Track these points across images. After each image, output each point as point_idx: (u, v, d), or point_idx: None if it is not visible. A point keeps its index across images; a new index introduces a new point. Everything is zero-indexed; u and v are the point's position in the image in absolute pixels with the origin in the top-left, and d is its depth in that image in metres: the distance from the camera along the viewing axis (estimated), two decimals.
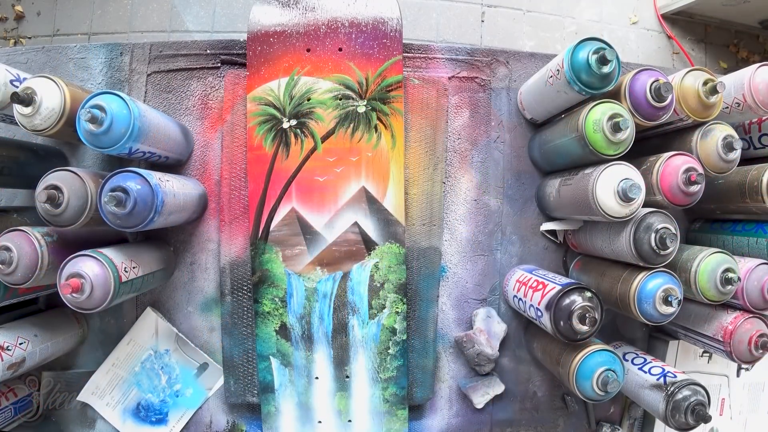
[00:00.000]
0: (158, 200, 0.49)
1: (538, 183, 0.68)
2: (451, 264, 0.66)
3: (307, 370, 0.61)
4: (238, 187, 0.62)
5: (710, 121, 0.55)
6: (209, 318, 0.64)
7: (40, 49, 0.64)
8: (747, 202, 0.57)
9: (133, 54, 0.64)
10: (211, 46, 0.64)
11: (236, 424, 0.64)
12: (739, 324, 0.55)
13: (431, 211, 0.64)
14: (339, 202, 0.60)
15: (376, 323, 0.61)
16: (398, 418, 0.62)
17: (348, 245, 0.60)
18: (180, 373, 0.63)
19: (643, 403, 0.59)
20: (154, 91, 0.64)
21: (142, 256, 0.56)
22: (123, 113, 0.48)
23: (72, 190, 0.48)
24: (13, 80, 0.53)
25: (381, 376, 0.61)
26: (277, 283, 0.60)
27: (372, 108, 0.61)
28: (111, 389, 0.63)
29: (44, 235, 0.50)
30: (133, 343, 0.63)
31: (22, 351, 0.54)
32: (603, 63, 0.51)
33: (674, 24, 1.75)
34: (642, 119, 0.54)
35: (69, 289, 0.47)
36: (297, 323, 0.61)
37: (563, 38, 1.68)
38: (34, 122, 0.49)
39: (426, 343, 0.64)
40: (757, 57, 1.78)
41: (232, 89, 0.63)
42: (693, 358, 0.68)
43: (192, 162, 0.64)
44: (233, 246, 0.62)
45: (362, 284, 0.61)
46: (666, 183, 0.53)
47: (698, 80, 0.54)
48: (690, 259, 0.56)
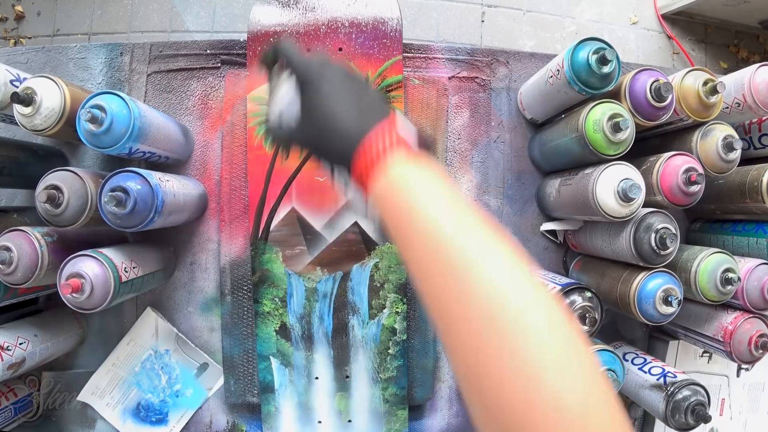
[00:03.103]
0: (158, 200, 0.49)
1: (538, 183, 0.68)
2: None
3: (307, 370, 0.61)
4: (238, 187, 0.62)
5: (710, 121, 0.55)
6: (209, 318, 0.64)
7: (40, 49, 0.64)
8: (747, 202, 0.57)
9: (133, 54, 0.64)
10: (211, 46, 0.64)
11: (236, 424, 0.64)
12: (739, 324, 0.55)
13: None
14: (339, 202, 0.60)
15: (376, 323, 0.61)
16: (398, 418, 0.62)
17: (348, 245, 0.60)
18: (180, 373, 0.63)
19: (643, 403, 0.59)
20: (154, 91, 0.64)
21: (142, 256, 0.55)
22: (123, 113, 0.48)
23: (72, 190, 0.48)
24: (13, 80, 0.53)
25: (381, 376, 0.61)
26: (277, 283, 0.60)
27: None
28: (111, 389, 0.63)
29: (44, 235, 0.50)
30: (133, 343, 0.63)
31: (22, 351, 0.54)
32: (603, 63, 0.51)
33: (674, 24, 1.75)
34: (642, 119, 0.54)
35: (69, 289, 0.47)
36: (297, 323, 0.61)
37: (563, 38, 1.68)
38: (34, 122, 0.49)
39: (426, 343, 0.64)
40: (757, 57, 1.78)
41: (232, 89, 0.63)
42: (693, 358, 0.68)
43: (192, 162, 0.64)
44: (233, 246, 0.62)
45: (362, 284, 0.61)
46: (666, 183, 0.53)
47: (698, 80, 0.54)
48: (690, 259, 0.56)
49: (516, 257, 0.28)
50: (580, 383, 0.24)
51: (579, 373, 0.24)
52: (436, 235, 0.29)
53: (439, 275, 0.28)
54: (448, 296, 0.27)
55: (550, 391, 0.23)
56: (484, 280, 0.26)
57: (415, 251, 0.30)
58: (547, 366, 0.24)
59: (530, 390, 0.23)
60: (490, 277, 0.27)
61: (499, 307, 0.25)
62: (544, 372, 0.23)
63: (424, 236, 0.29)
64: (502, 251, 0.28)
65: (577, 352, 0.25)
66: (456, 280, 0.27)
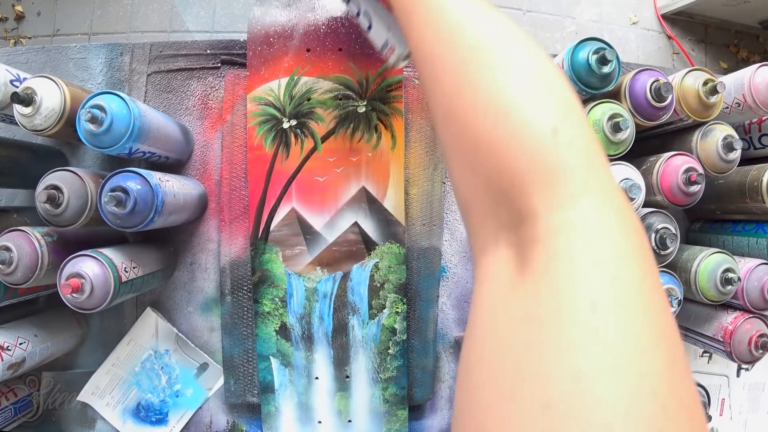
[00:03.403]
0: (158, 200, 0.49)
1: None
2: (451, 264, 0.66)
3: (307, 370, 0.61)
4: (238, 187, 0.62)
5: (710, 121, 0.56)
6: (209, 318, 0.64)
7: (40, 49, 0.64)
8: (747, 202, 0.58)
9: (133, 54, 0.64)
10: (211, 46, 0.64)
11: (236, 424, 0.64)
12: (739, 324, 0.55)
13: (431, 211, 0.64)
14: (339, 202, 0.60)
15: (376, 323, 0.61)
16: (398, 418, 0.62)
17: (348, 245, 0.60)
18: (180, 373, 0.63)
19: None
20: (154, 91, 0.64)
21: (142, 256, 0.56)
22: (123, 113, 0.48)
23: (72, 190, 0.48)
24: (13, 80, 0.53)
25: (381, 376, 0.61)
26: (277, 283, 0.60)
27: (372, 108, 0.61)
28: (111, 389, 0.63)
29: (44, 235, 0.50)
30: (133, 343, 0.63)
31: (22, 351, 0.54)
32: (603, 63, 0.51)
33: (674, 24, 1.75)
34: (642, 119, 0.54)
35: (69, 289, 0.47)
36: (297, 323, 0.61)
37: (563, 38, 1.68)
38: (34, 122, 0.49)
39: (426, 343, 0.64)
40: (757, 57, 1.78)
41: (232, 89, 0.63)
42: (693, 358, 0.68)
43: (192, 162, 0.64)
44: (233, 246, 0.62)
45: (362, 284, 0.61)
46: (666, 183, 0.53)
47: (698, 80, 0.54)
48: (690, 259, 0.56)
49: (507, 22, 0.29)
50: (549, 109, 0.25)
51: (550, 101, 0.25)
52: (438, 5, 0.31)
53: (431, 29, 0.30)
54: (438, 49, 0.30)
55: (518, 117, 0.24)
56: (473, 32, 0.28)
57: (417, 27, 0.32)
58: (518, 95, 0.25)
59: (499, 118, 0.25)
60: (480, 29, 0.28)
61: (483, 52, 0.27)
62: (513, 100, 0.25)
63: (426, 8, 0.31)
64: (496, 15, 0.30)
65: (552, 85, 0.26)
66: (447, 33, 0.29)
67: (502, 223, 0.25)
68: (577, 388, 0.18)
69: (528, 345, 0.20)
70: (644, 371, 0.18)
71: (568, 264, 0.21)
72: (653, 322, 0.20)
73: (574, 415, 0.17)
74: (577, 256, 0.21)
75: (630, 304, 0.20)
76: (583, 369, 0.18)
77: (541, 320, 0.20)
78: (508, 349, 0.21)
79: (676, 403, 0.18)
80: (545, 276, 0.22)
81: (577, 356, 0.19)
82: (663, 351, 0.19)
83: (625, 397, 0.17)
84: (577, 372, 0.18)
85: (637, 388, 0.18)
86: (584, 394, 0.18)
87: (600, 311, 0.19)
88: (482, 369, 0.22)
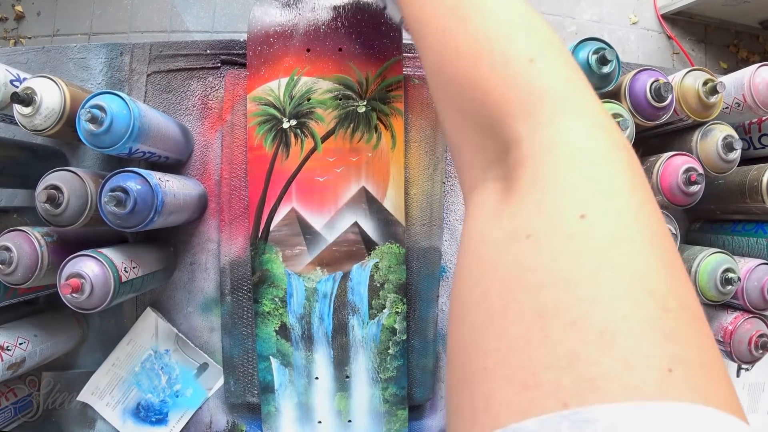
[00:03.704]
0: (158, 200, 0.49)
1: None
2: (451, 264, 0.66)
3: (307, 371, 0.61)
4: (238, 187, 0.62)
5: (710, 121, 0.56)
6: (209, 318, 0.64)
7: (40, 49, 0.64)
8: (747, 202, 0.58)
9: (133, 54, 0.64)
10: (211, 46, 0.64)
11: (236, 424, 0.64)
12: (739, 324, 0.55)
13: (431, 211, 0.64)
14: (339, 202, 0.60)
15: (376, 323, 0.61)
16: (398, 418, 0.62)
17: (348, 245, 0.60)
18: (180, 373, 0.63)
19: None
20: (154, 91, 0.64)
21: (142, 256, 0.56)
22: (123, 113, 0.48)
23: (72, 190, 0.48)
24: (13, 80, 0.53)
25: (381, 376, 0.61)
26: (277, 283, 0.60)
27: (372, 108, 0.61)
28: (111, 389, 0.63)
29: (44, 235, 0.50)
30: (133, 343, 0.63)
31: (22, 351, 0.54)
32: (603, 63, 0.51)
33: (674, 24, 1.75)
34: (642, 119, 0.54)
35: (69, 289, 0.47)
36: (297, 323, 0.61)
37: (563, 38, 1.68)
38: (34, 122, 0.49)
39: (426, 343, 0.64)
40: (757, 57, 1.78)
41: (232, 89, 0.63)
42: None
43: (192, 162, 0.64)
44: (233, 246, 0.62)
45: (362, 284, 0.61)
46: (666, 183, 0.53)
47: (698, 80, 0.54)
48: (690, 259, 0.56)
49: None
50: (532, 42, 0.25)
51: (531, 35, 0.26)
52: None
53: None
54: (425, 7, 0.30)
55: (497, 52, 0.25)
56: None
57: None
58: (497, 35, 0.26)
59: (481, 56, 0.25)
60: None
61: (464, 2, 0.28)
62: (493, 40, 0.25)
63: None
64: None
65: (530, 24, 0.27)
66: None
67: (489, 158, 0.26)
68: (571, 295, 0.17)
69: (517, 259, 0.20)
70: (640, 272, 0.18)
71: (553, 179, 0.21)
72: (645, 229, 0.19)
73: (570, 322, 0.17)
74: (563, 172, 0.21)
75: (620, 212, 0.19)
76: (576, 275, 0.18)
77: (529, 234, 0.20)
78: (497, 268, 0.20)
79: (676, 302, 0.17)
80: (531, 193, 0.21)
81: (569, 263, 0.18)
82: (657, 251, 0.19)
83: (621, 298, 0.17)
84: (569, 278, 0.18)
85: (633, 287, 0.17)
86: (579, 300, 0.17)
87: (590, 220, 0.19)
88: (471, 293, 0.21)
